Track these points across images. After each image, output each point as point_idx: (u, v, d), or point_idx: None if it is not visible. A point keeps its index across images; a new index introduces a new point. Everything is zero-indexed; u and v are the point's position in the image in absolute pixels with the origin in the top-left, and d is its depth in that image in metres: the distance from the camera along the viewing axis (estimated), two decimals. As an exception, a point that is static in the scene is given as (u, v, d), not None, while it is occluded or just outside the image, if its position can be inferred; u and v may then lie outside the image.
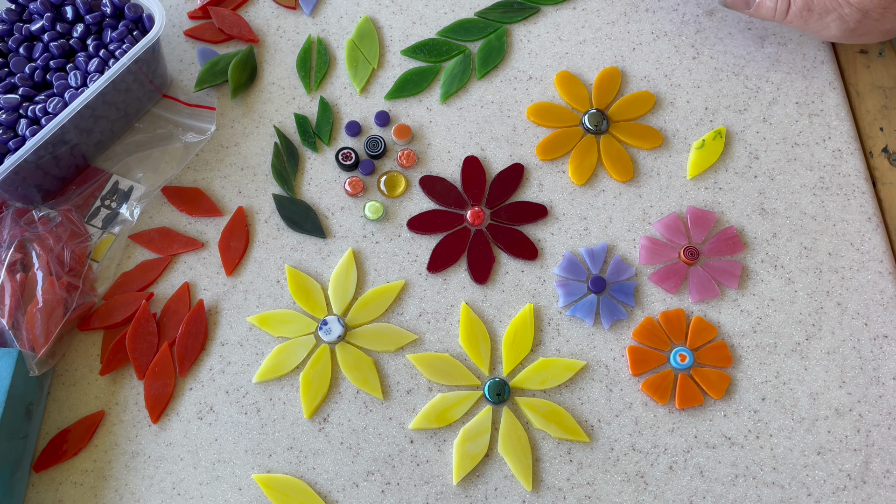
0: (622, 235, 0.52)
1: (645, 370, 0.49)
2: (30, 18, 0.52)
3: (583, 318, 0.50)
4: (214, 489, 0.46)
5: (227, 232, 0.52)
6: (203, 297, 0.51)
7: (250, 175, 0.54)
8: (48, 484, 0.46)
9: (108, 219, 0.52)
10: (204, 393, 0.48)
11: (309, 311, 0.50)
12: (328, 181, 0.54)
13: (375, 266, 0.52)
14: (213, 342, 0.50)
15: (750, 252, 0.52)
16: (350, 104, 0.56)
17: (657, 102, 0.56)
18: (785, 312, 0.50)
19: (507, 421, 0.47)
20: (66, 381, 0.49)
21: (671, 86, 0.56)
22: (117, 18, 0.52)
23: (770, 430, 0.48)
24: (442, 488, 0.46)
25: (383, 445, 0.47)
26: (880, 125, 0.56)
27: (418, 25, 0.59)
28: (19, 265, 0.48)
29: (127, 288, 0.51)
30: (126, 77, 0.50)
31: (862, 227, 0.52)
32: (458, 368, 0.49)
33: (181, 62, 0.58)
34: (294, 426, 0.48)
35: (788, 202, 0.53)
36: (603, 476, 0.47)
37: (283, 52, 0.58)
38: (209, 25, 0.59)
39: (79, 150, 0.51)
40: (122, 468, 0.47)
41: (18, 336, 0.46)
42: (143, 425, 0.48)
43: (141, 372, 0.48)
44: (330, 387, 0.49)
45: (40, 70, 0.50)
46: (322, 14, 0.60)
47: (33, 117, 0.49)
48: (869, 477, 0.46)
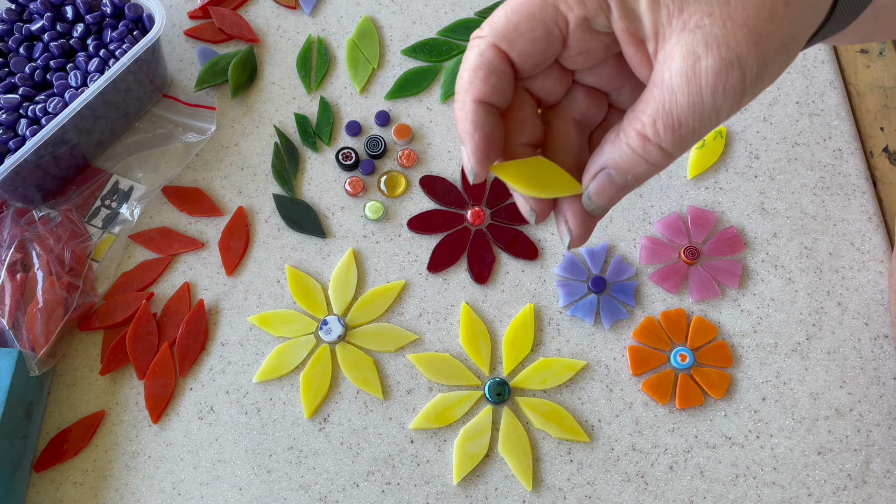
0: (623, 235, 0.52)
1: (645, 370, 0.49)
2: (30, 18, 0.52)
3: (583, 318, 0.50)
4: (215, 489, 0.46)
5: (227, 232, 0.52)
6: (203, 297, 0.51)
7: (250, 175, 0.54)
8: (48, 484, 0.46)
9: (108, 219, 0.52)
10: (204, 393, 0.48)
11: (309, 311, 0.50)
12: (328, 181, 0.54)
13: (375, 266, 0.52)
14: (213, 342, 0.50)
15: (750, 252, 0.52)
16: (350, 104, 0.56)
17: (657, 102, 0.56)
18: (785, 312, 0.50)
19: (508, 421, 0.47)
20: (67, 381, 0.49)
21: (671, 85, 0.56)
22: (117, 18, 0.52)
23: (770, 429, 0.47)
24: (442, 488, 0.46)
25: (383, 445, 0.47)
26: (881, 125, 0.56)
27: (418, 25, 0.59)
28: (19, 265, 0.48)
29: (127, 288, 0.51)
30: (126, 77, 0.50)
31: (862, 226, 0.52)
32: (458, 368, 0.49)
33: (181, 62, 0.58)
34: (294, 426, 0.48)
35: (789, 202, 0.53)
36: (603, 476, 0.47)
37: (284, 51, 0.58)
38: (209, 25, 0.59)
39: (79, 149, 0.51)
40: (123, 468, 0.47)
41: (19, 336, 0.46)
42: (143, 425, 0.48)
43: (141, 372, 0.48)
44: (330, 387, 0.49)
45: (40, 70, 0.50)
46: (322, 14, 0.60)
47: (33, 117, 0.49)
48: (869, 477, 0.46)
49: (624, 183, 0.29)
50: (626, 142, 0.28)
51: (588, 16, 0.28)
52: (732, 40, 0.26)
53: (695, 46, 0.26)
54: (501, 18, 0.28)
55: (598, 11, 0.28)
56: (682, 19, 0.26)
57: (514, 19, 0.28)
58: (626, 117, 0.28)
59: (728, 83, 0.26)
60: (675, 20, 0.26)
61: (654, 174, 0.29)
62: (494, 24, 0.29)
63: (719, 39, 0.26)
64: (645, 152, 0.28)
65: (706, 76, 0.26)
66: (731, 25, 0.26)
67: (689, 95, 0.26)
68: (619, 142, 0.28)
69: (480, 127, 0.29)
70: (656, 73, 0.27)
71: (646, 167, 0.28)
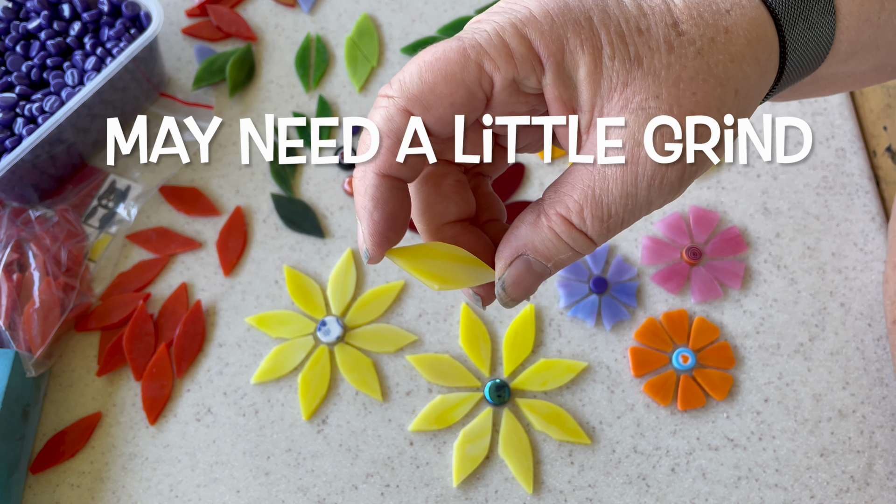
0: (624, 235, 0.52)
1: (647, 371, 0.48)
2: (27, 16, 0.52)
3: (584, 319, 0.50)
4: (212, 491, 0.46)
5: (225, 232, 0.52)
6: (201, 298, 0.50)
7: (248, 174, 0.54)
8: (45, 486, 0.46)
9: (105, 218, 0.52)
10: (202, 394, 0.48)
11: (308, 312, 0.50)
12: (327, 180, 0.54)
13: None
14: (210, 343, 0.49)
15: (753, 252, 0.51)
16: (349, 103, 0.56)
17: (659, 101, 0.56)
18: (788, 313, 0.50)
19: (508, 423, 0.47)
20: (63, 383, 0.48)
21: (673, 84, 0.56)
22: (114, 16, 0.52)
23: (773, 431, 0.47)
24: (442, 491, 0.46)
25: (383, 447, 0.47)
26: (884, 124, 0.55)
27: (418, 23, 0.59)
28: (16, 265, 0.48)
29: (124, 288, 0.50)
30: (123, 75, 0.50)
31: (865, 226, 0.52)
32: (458, 370, 0.48)
33: (179, 60, 0.57)
34: (293, 428, 0.47)
35: (791, 202, 0.53)
36: (605, 478, 0.46)
37: (282, 50, 0.58)
38: (207, 23, 0.58)
39: (76, 149, 0.51)
40: (120, 470, 0.46)
41: (15, 337, 0.46)
42: (140, 427, 0.47)
43: (138, 373, 0.48)
44: (329, 388, 0.48)
45: (37, 68, 0.50)
46: (321, 12, 0.59)
47: (30, 116, 0.48)
48: (872, 479, 0.46)
49: (543, 271, 0.25)
50: (548, 225, 0.24)
51: (517, 77, 0.24)
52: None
53: (636, 132, 0.23)
54: (415, 78, 0.24)
55: (529, 73, 0.24)
56: (624, 96, 0.23)
57: (430, 80, 0.24)
58: (548, 197, 0.25)
59: (667, 177, 0.23)
60: (617, 95, 0.23)
61: (575, 261, 0.26)
62: (406, 84, 0.24)
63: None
64: (570, 239, 0.24)
65: (644, 166, 0.23)
66: (678, 112, 0.23)
67: (624, 185, 0.23)
68: (540, 225, 0.25)
69: (382, 205, 0.25)
70: (586, 150, 0.24)
71: (569, 255, 0.25)
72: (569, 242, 0.24)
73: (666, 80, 0.23)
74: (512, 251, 0.25)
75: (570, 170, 0.24)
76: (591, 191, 0.23)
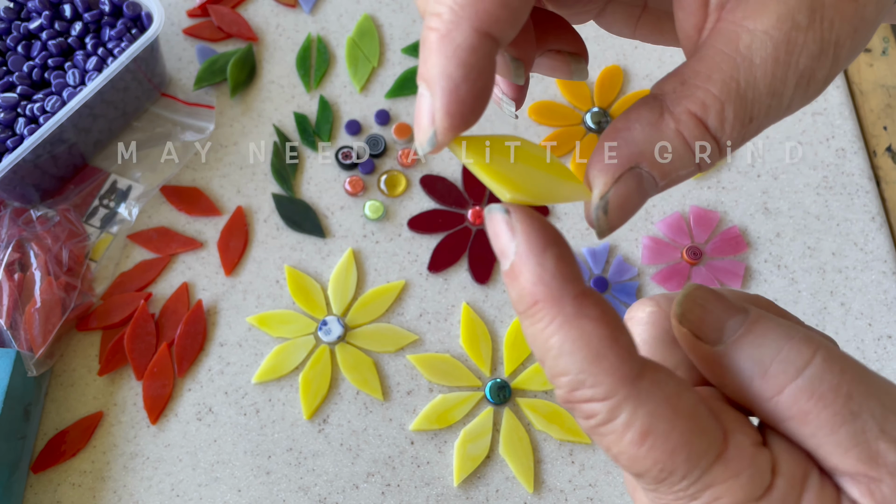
0: (624, 235, 0.52)
1: (647, 371, 0.48)
2: (28, 17, 0.52)
3: (584, 319, 0.49)
4: (213, 490, 0.46)
5: (226, 231, 0.52)
6: (202, 297, 0.50)
7: (249, 174, 0.54)
8: (46, 485, 0.46)
9: (106, 218, 0.52)
10: (203, 394, 0.48)
11: (308, 312, 0.50)
12: (328, 180, 0.54)
13: (375, 266, 0.51)
14: (211, 342, 0.49)
15: (753, 252, 0.51)
16: (350, 103, 0.56)
17: (659, 101, 0.56)
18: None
19: (509, 422, 0.47)
20: (65, 382, 0.48)
21: (673, 84, 0.56)
22: (116, 16, 0.52)
23: (773, 431, 0.47)
24: (443, 490, 0.46)
25: (383, 447, 0.47)
26: (884, 124, 0.55)
27: (419, 24, 0.59)
28: (17, 265, 0.48)
29: (125, 288, 0.50)
30: (124, 75, 0.50)
31: (866, 226, 0.52)
32: (458, 369, 0.48)
33: (180, 60, 0.57)
34: (294, 427, 0.47)
35: (792, 201, 0.53)
36: (605, 478, 0.46)
37: (283, 50, 0.58)
38: (208, 24, 0.58)
39: (77, 149, 0.51)
40: (121, 469, 0.46)
41: (16, 336, 0.46)
42: (141, 426, 0.47)
43: (139, 372, 0.48)
44: (330, 388, 0.48)
45: (38, 69, 0.50)
46: (322, 12, 0.59)
47: (31, 116, 0.48)
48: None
49: (652, 190, 0.19)
50: (675, 128, 0.19)
51: None
52: (837, 17, 0.18)
53: (795, 11, 0.18)
54: None
55: None
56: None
57: None
58: (672, 90, 0.19)
59: (817, 74, 0.18)
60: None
61: (685, 180, 0.20)
62: None
63: (825, 10, 0.18)
64: (701, 146, 0.19)
65: (802, 57, 0.18)
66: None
67: (773, 78, 0.18)
68: (664, 128, 0.19)
69: (475, 76, 0.18)
70: (724, 30, 0.18)
71: (690, 171, 0.19)
72: (697, 151, 0.19)
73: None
74: (623, 160, 0.19)
75: (700, 56, 0.19)
76: (736, 83, 0.18)
